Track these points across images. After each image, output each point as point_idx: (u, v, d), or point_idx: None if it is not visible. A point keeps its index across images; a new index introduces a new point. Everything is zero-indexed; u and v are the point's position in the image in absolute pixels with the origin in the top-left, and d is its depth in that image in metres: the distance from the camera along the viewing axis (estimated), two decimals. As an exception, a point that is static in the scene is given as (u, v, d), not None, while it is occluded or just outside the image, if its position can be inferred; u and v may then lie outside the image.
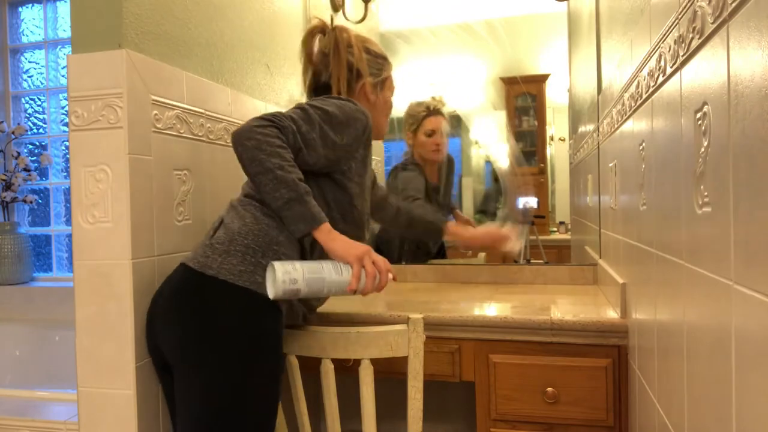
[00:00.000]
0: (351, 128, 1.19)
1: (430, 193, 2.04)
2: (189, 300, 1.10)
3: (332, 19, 1.37)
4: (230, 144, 1.52)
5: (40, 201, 2.57)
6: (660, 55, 0.85)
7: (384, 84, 1.41)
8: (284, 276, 1.00)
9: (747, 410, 0.53)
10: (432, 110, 2.03)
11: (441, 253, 2.09)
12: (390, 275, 1.11)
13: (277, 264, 1.02)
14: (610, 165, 1.41)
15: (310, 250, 1.18)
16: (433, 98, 2.08)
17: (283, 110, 1.16)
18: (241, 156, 1.07)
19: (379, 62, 1.40)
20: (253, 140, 1.05)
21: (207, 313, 1.08)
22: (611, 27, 1.51)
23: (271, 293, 1.03)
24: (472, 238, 1.79)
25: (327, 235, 1.07)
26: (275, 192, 1.04)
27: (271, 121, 1.08)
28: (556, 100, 2.02)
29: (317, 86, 1.35)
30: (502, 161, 2.07)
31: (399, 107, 2.06)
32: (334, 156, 1.18)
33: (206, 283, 1.08)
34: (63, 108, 2.55)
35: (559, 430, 1.31)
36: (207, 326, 1.07)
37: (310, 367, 1.27)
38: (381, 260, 1.09)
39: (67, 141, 1.56)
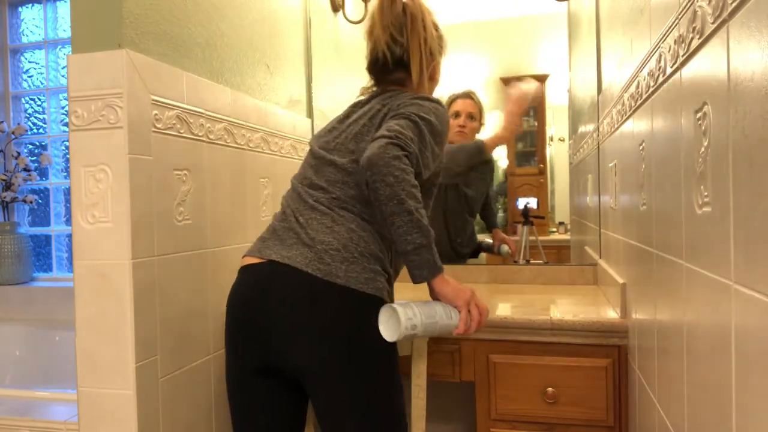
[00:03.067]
0: (445, 135, 1.19)
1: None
2: (325, 312, 1.06)
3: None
4: (230, 144, 1.53)
5: (40, 201, 2.57)
6: (660, 55, 0.85)
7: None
8: (407, 322, 1.03)
9: (747, 410, 0.53)
10: (461, 94, 2.04)
11: (476, 254, 2.08)
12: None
13: (399, 308, 1.04)
14: (610, 165, 1.41)
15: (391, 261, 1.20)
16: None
17: (286, 111, 1.15)
18: (377, 189, 1.02)
19: (442, 37, 1.32)
20: (392, 177, 1.01)
21: (349, 327, 1.06)
22: (611, 27, 1.51)
23: (389, 336, 1.05)
24: None
25: (440, 280, 1.08)
26: (407, 235, 1.02)
27: (403, 149, 1.04)
28: (556, 100, 2.02)
29: (392, 57, 1.23)
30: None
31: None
32: (436, 166, 1.18)
33: (337, 291, 1.06)
34: (63, 108, 2.55)
35: (559, 430, 1.31)
36: (351, 339, 1.06)
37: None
38: (482, 303, 1.12)
39: (67, 141, 1.56)
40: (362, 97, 1.30)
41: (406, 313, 1.03)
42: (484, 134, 2.02)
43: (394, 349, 1.12)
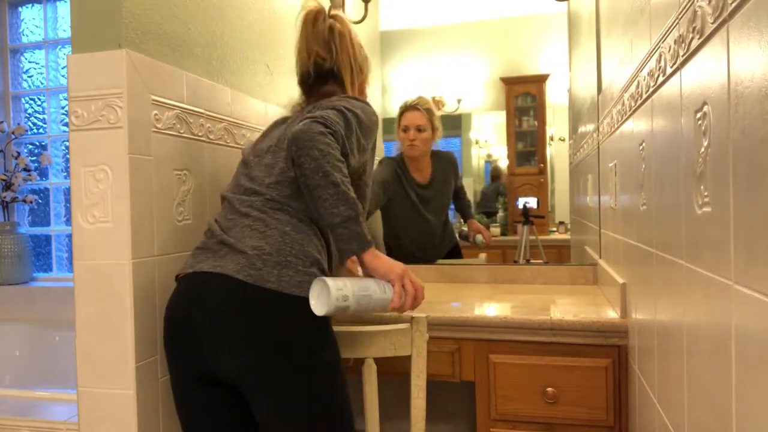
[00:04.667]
0: (372, 132, 1.20)
1: (407, 189, 2.04)
2: (256, 318, 1.03)
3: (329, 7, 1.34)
4: (230, 144, 1.53)
5: (40, 201, 2.57)
6: (660, 55, 0.85)
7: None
8: (337, 293, 1.00)
9: (747, 410, 0.53)
10: (408, 106, 2.02)
11: (455, 253, 2.08)
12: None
13: (328, 280, 1.01)
14: (610, 165, 1.41)
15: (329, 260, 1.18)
16: (434, 98, 2.08)
17: (286, 111, 1.16)
18: (303, 164, 1.02)
19: (367, 58, 1.37)
20: (317, 150, 1.01)
21: (282, 331, 1.03)
22: (611, 27, 1.51)
23: (321, 310, 1.02)
24: None
25: (371, 254, 1.07)
26: (334, 208, 1.01)
27: (328, 128, 1.05)
28: (556, 100, 2.02)
29: (320, 72, 1.28)
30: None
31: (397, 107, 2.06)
32: (363, 161, 1.19)
33: (269, 298, 1.03)
34: (63, 108, 2.55)
35: (559, 430, 1.31)
36: (285, 344, 1.03)
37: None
38: (417, 280, 1.12)
39: (67, 141, 1.56)
40: (289, 115, 1.33)
41: (336, 284, 1.01)
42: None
43: (333, 351, 1.09)
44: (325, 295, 1.02)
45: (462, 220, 2.10)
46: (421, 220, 2.07)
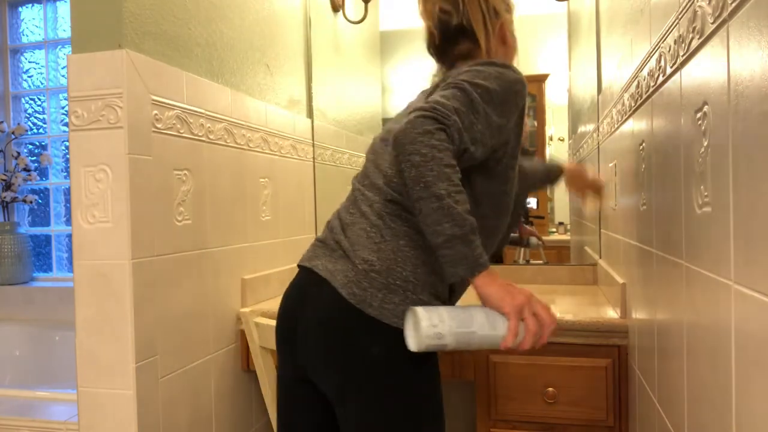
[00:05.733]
0: (513, 104, 0.98)
1: None
2: (349, 344, 0.95)
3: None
4: (230, 144, 1.53)
5: (40, 201, 2.57)
6: (660, 55, 0.85)
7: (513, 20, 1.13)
8: (429, 330, 0.86)
9: (747, 410, 0.53)
10: None
11: (496, 258, 2.06)
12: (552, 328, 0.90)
13: (420, 312, 0.87)
14: (610, 165, 1.41)
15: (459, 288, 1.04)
16: None
17: (286, 111, 1.14)
18: (404, 172, 0.88)
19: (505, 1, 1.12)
20: (418, 156, 0.85)
21: (373, 362, 0.94)
22: (611, 27, 1.51)
23: (412, 345, 0.88)
24: (589, 179, 1.45)
25: (484, 279, 0.88)
26: (437, 225, 0.86)
27: (437, 120, 0.87)
28: (556, 100, 2.02)
29: (446, 30, 1.09)
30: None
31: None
32: (499, 142, 0.97)
33: (368, 325, 0.93)
34: (63, 108, 2.55)
35: (559, 430, 1.31)
36: (378, 379, 0.94)
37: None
38: (544, 311, 0.88)
39: (67, 141, 1.56)
40: (428, 87, 1.14)
41: (429, 317, 0.86)
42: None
43: (432, 389, 0.98)
44: (413, 328, 0.89)
45: None
46: None
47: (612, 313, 1.32)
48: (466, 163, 0.93)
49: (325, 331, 0.97)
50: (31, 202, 2.50)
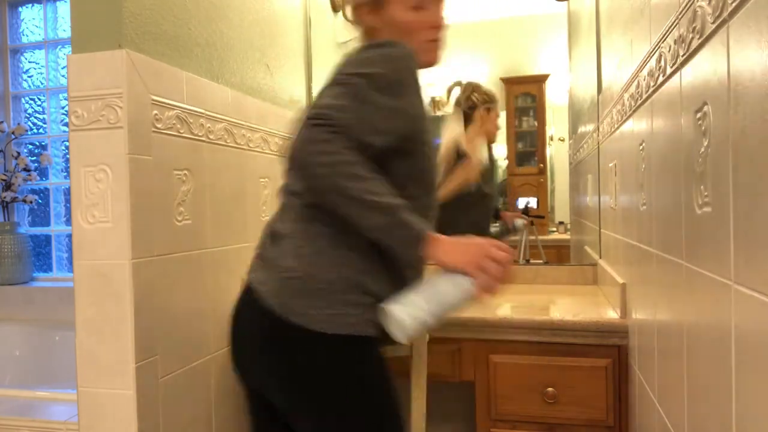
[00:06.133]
0: (404, 81, 0.96)
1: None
2: (278, 356, 0.94)
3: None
4: (230, 144, 1.53)
5: (40, 201, 2.57)
6: (660, 55, 0.85)
7: None
8: (413, 322, 0.88)
9: (747, 410, 0.53)
10: None
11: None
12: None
13: (397, 310, 0.89)
14: (610, 165, 1.41)
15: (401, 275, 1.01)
16: (434, 98, 2.08)
17: (286, 111, 1.13)
18: (314, 188, 0.90)
19: None
20: (321, 166, 0.85)
21: (306, 373, 0.92)
22: (611, 27, 1.51)
23: (402, 340, 0.91)
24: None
25: (433, 249, 0.88)
26: (367, 220, 0.86)
27: (327, 125, 0.86)
28: (556, 100, 2.02)
29: (345, 10, 1.11)
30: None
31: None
32: (401, 124, 0.95)
33: (294, 334, 0.92)
34: (63, 108, 2.55)
35: (559, 430, 1.31)
36: (311, 384, 0.93)
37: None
38: (497, 251, 0.89)
39: (67, 141, 1.56)
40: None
41: (407, 311, 0.89)
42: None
43: (380, 378, 0.97)
44: (397, 325, 0.90)
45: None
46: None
47: (612, 313, 1.32)
48: (375, 152, 0.91)
49: (252, 346, 0.97)
50: (31, 202, 2.49)
